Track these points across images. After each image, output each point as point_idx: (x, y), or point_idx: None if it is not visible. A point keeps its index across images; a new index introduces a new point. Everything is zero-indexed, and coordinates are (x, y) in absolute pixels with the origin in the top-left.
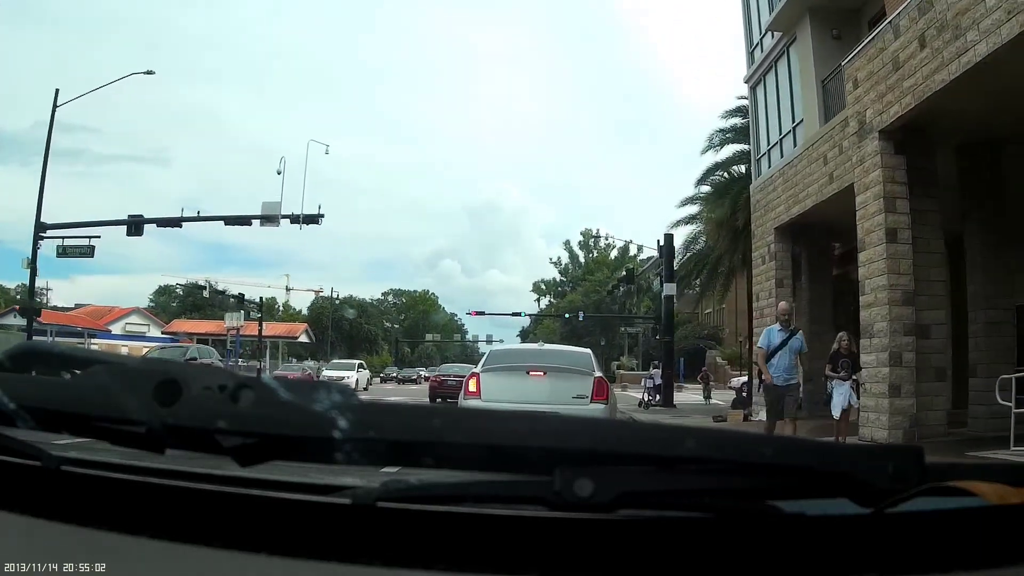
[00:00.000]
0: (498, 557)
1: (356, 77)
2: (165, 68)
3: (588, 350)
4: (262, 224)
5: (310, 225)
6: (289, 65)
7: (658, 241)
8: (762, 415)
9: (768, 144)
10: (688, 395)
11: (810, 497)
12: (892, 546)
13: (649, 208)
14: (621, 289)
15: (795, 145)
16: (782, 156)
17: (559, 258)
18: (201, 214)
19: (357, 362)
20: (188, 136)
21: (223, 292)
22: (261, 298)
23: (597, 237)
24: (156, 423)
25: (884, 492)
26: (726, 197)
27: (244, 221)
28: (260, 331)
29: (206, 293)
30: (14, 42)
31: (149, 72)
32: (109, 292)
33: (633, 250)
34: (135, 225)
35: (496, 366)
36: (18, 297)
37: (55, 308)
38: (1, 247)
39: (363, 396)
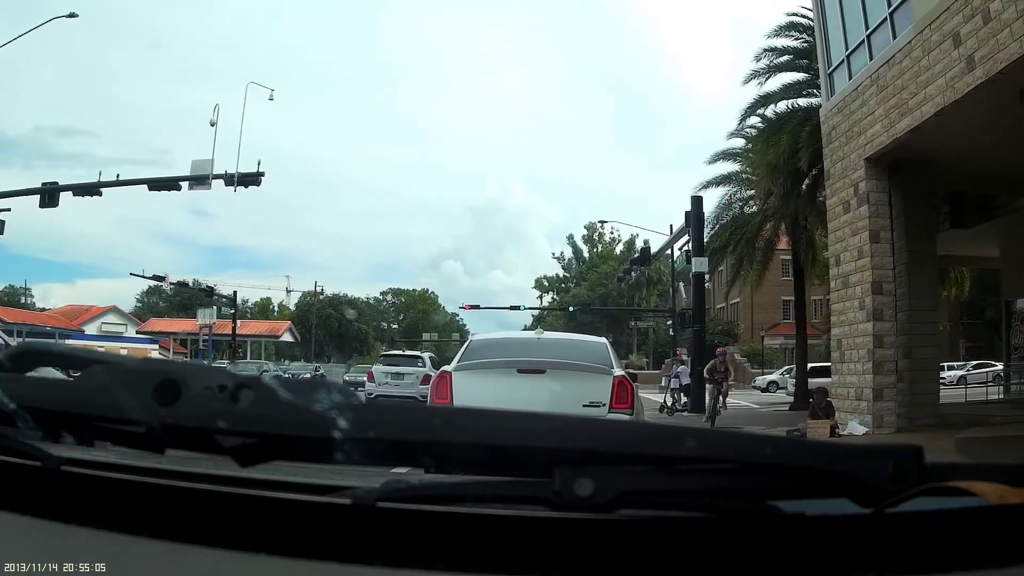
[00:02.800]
0: (498, 557)
1: (361, 78)
2: (166, 68)
3: (603, 339)
4: (191, 187)
5: (248, 187)
6: (292, 66)
7: (669, 229)
8: (856, 426)
9: (847, 49)
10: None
11: (810, 497)
12: (892, 546)
13: (658, 210)
14: (633, 275)
15: (894, 37)
16: (871, 58)
17: (562, 253)
18: (128, 179)
19: None
20: (190, 138)
21: (186, 284)
22: (235, 292)
23: (603, 221)
24: (156, 423)
25: (884, 492)
26: (781, 133)
27: (171, 185)
28: (234, 329)
29: (165, 286)
30: (13, 43)
31: (72, 15)
32: (108, 294)
33: (639, 244)
34: (49, 194)
35: (474, 362)
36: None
37: (42, 310)
38: None
39: None
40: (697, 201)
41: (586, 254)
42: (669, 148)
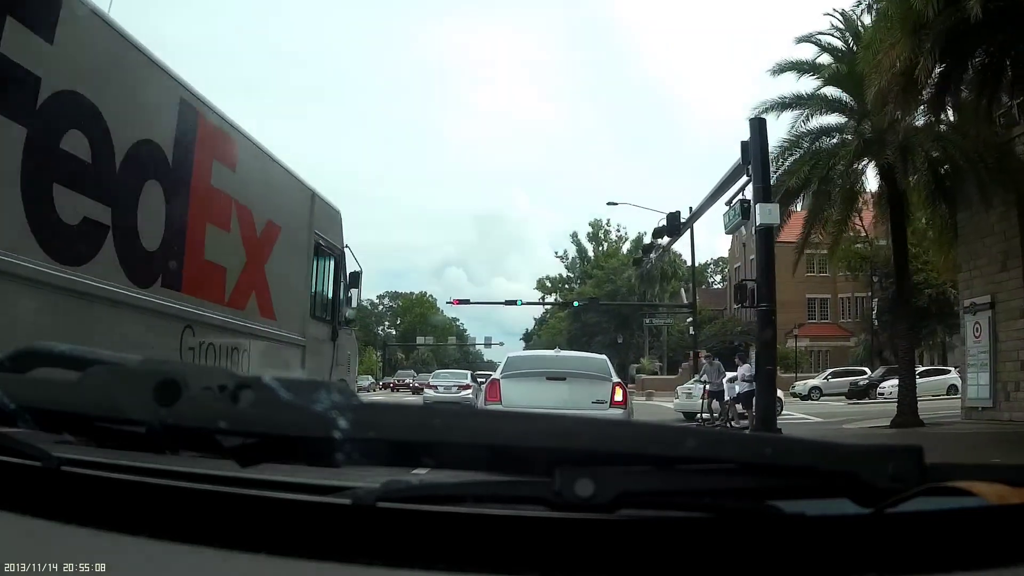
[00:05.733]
0: (498, 557)
1: (365, 86)
2: None
3: (604, 356)
4: None
5: None
6: (295, 73)
7: (687, 211)
8: None
9: None
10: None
11: (810, 497)
12: (892, 546)
13: (658, 211)
14: (653, 256)
15: None
16: None
17: (565, 251)
18: None
19: None
20: None
21: None
22: None
23: (612, 203)
24: (156, 423)
25: (884, 492)
26: None
27: None
28: None
29: None
30: None
31: None
32: None
33: (647, 241)
34: None
35: (515, 372)
36: None
37: None
38: None
39: None
40: (759, 124)
41: (591, 252)
42: (670, 150)
